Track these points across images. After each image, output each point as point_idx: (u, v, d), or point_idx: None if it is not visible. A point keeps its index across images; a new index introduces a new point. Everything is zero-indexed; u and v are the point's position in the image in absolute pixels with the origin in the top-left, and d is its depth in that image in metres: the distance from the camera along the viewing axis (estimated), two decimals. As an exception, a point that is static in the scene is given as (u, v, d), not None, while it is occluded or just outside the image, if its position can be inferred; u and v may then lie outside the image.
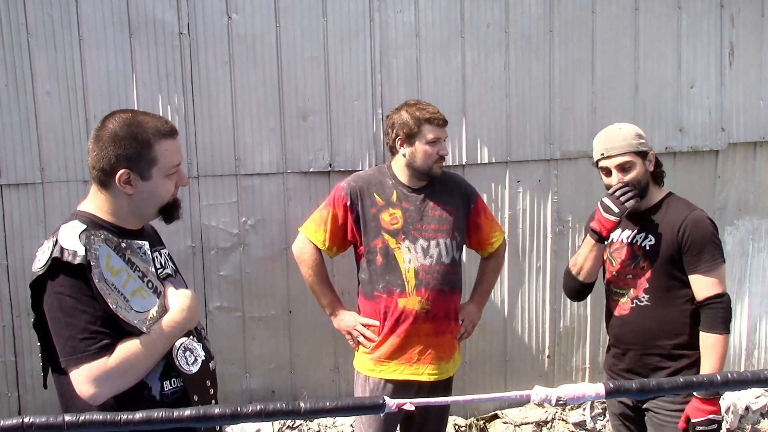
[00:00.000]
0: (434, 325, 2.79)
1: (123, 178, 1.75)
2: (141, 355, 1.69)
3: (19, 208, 3.23)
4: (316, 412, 1.04)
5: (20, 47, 3.14)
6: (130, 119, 1.77)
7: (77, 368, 1.63)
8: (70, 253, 1.65)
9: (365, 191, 2.82)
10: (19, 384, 3.34)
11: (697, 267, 2.49)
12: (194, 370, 1.83)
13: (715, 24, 3.92)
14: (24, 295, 3.26)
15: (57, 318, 1.65)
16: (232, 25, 3.33)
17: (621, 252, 2.67)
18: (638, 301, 2.61)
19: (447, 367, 2.89)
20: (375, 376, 2.85)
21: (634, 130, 2.60)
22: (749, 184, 4.16)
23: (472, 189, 2.98)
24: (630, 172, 2.56)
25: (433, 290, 2.77)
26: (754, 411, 4.13)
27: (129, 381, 1.68)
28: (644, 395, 1.00)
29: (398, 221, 2.79)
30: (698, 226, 2.51)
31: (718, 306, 2.47)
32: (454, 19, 3.55)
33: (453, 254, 2.82)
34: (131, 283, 1.74)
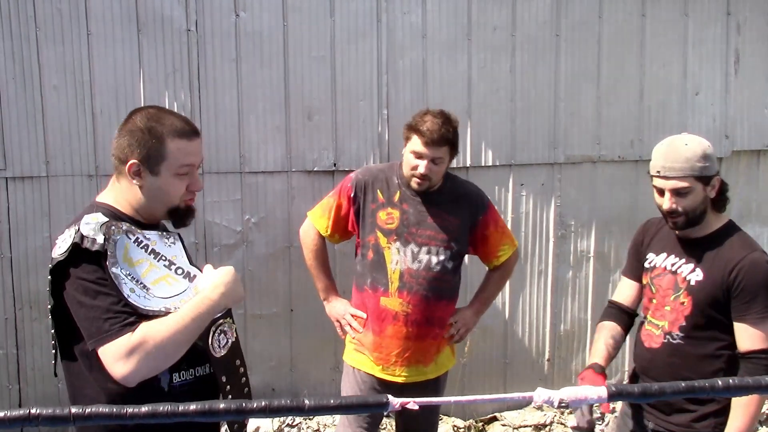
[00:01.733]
0: (413, 329, 2.76)
1: (132, 168, 1.77)
2: (166, 331, 1.65)
3: (24, 201, 3.25)
4: (320, 409, 1.04)
5: (28, 41, 3.15)
6: (153, 114, 1.80)
7: (104, 347, 1.62)
8: (89, 240, 1.66)
9: (370, 186, 2.82)
10: (21, 376, 3.35)
11: (746, 316, 2.20)
12: (224, 352, 1.82)
13: (722, 31, 3.93)
14: (26, 288, 3.28)
15: (81, 302, 1.66)
16: (240, 23, 3.34)
17: (662, 280, 2.41)
18: (671, 337, 2.35)
19: (426, 369, 2.85)
20: (358, 368, 2.87)
21: (702, 150, 2.27)
22: (752, 192, 4.15)
23: (483, 201, 2.88)
24: (686, 198, 2.26)
25: (415, 295, 2.74)
26: (753, 419, 4.12)
27: (157, 359, 1.64)
28: (646, 399, 1.01)
29: (394, 222, 2.76)
30: (755, 271, 2.20)
31: (762, 362, 2.18)
32: (461, 22, 3.56)
33: (444, 263, 2.76)
34: (154, 272, 1.74)
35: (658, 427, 2.41)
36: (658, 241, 2.49)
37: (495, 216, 2.92)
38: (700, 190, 2.26)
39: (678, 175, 2.25)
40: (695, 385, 1.03)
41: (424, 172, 2.66)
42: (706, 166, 2.26)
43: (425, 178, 2.68)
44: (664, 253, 2.43)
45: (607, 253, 3.93)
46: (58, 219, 3.26)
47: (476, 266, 3.48)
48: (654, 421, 2.42)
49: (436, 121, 2.66)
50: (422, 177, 2.67)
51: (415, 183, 2.71)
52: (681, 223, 2.31)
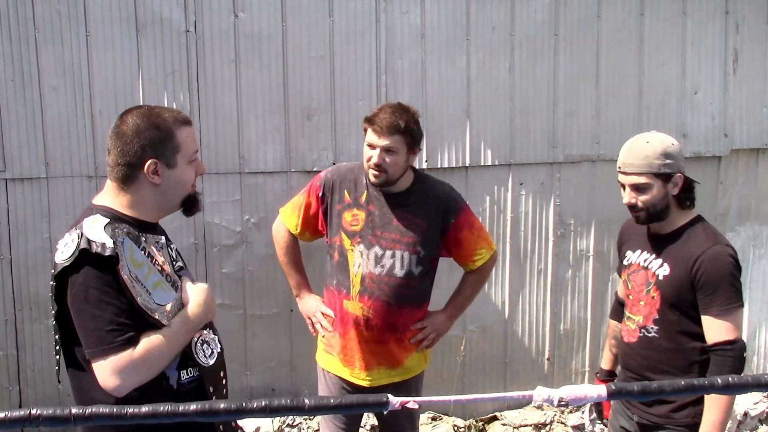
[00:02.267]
0: (373, 334, 2.70)
1: (151, 168, 1.79)
2: (164, 348, 1.72)
3: (24, 203, 3.25)
4: (320, 408, 1.04)
5: (27, 42, 3.15)
6: (148, 111, 1.83)
7: (103, 360, 1.65)
8: (98, 245, 1.66)
9: (337, 186, 2.76)
10: (21, 378, 3.35)
11: (710, 308, 2.27)
12: (211, 362, 1.88)
13: (720, 30, 3.93)
14: (26, 290, 3.28)
15: (83, 310, 1.66)
16: (239, 24, 3.34)
17: (637, 276, 2.50)
18: (646, 331, 2.43)
19: (389, 372, 2.78)
20: (327, 369, 2.85)
21: (662, 148, 2.33)
22: (751, 191, 4.16)
23: (456, 203, 2.78)
24: (644, 193, 2.34)
25: (376, 300, 2.66)
26: (753, 417, 4.14)
27: (152, 373, 1.71)
28: (645, 397, 1.01)
29: (358, 223, 2.70)
30: (715, 264, 2.26)
31: (728, 354, 2.24)
32: (460, 21, 3.56)
33: (410, 268, 2.67)
34: (152, 276, 1.77)
35: (641, 419, 2.50)
36: (634, 238, 2.59)
37: (470, 219, 2.81)
38: (659, 187, 2.34)
39: (636, 171, 2.34)
40: (694, 383, 1.03)
41: (376, 161, 2.60)
42: (666, 163, 2.32)
43: (379, 168, 2.61)
44: (638, 249, 2.54)
45: (606, 252, 3.93)
46: (57, 220, 3.27)
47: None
48: (638, 414, 2.51)
49: (388, 110, 2.63)
50: (376, 167, 2.61)
51: (372, 175, 2.65)
52: (642, 217, 2.40)
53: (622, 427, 2.60)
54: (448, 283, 3.12)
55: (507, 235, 3.79)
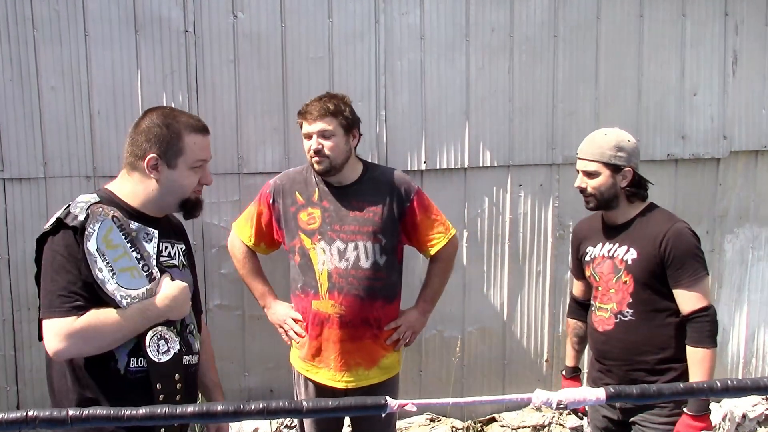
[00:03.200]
0: (349, 331, 2.68)
1: (151, 162, 1.90)
2: (109, 325, 1.78)
3: (22, 203, 3.24)
4: (317, 411, 1.04)
5: (26, 42, 3.14)
6: (167, 112, 1.97)
7: (48, 321, 1.76)
8: (72, 216, 1.80)
9: (287, 190, 2.76)
10: (18, 378, 3.34)
11: (680, 281, 2.45)
12: (163, 359, 1.90)
13: (719, 32, 3.93)
14: (24, 290, 3.27)
15: (46, 272, 1.80)
16: (238, 24, 3.33)
17: (602, 267, 2.64)
18: (622, 315, 2.57)
19: (366, 373, 2.75)
20: (302, 373, 2.83)
21: (616, 141, 2.54)
22: (750, 192, 4.16)
23: (409, 186, 2.79)
24: (593, 179, 2.55)
25: (347, 295, 2.65)
26: (751, 419, 4.14)
27: (92, 346, 1.78)
28: (645, 400, 1.01)
29: (315, 221, 2.70)
30: (680, 239, 2.46)
31: (704, 320, 2.43)
32: (459, 22, 3.56)
33: (375, 258, 2.67)
34: (124, 260, 1.84)
35: (624, 405, 2.60)
36: (591, 235, 2.75)
37: (424, 202, 2.82)
38: (608, 176, 2.54)
39: (588, 157, 2.57)
40: (694, 387, 1.03)
41: (315, 147, 2.63)
42: (618, 155, 2.53)
43: (319, 153, 2.63)
44: (599, 243, 2.68)
45: (605, 254, 3.92)
46: (55, 220, 3.26)
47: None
48: (620, 402, 2.56)
49: (316, 99, 2.71)
50: (316, 153, 2.63)
51: (315, 164, 2.66)
52: (592, 203, 2.60)
53: (605, 417, 2.69)
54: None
55: (506, 237, 3.79)
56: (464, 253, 3.73)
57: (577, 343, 2.96)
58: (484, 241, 3.76)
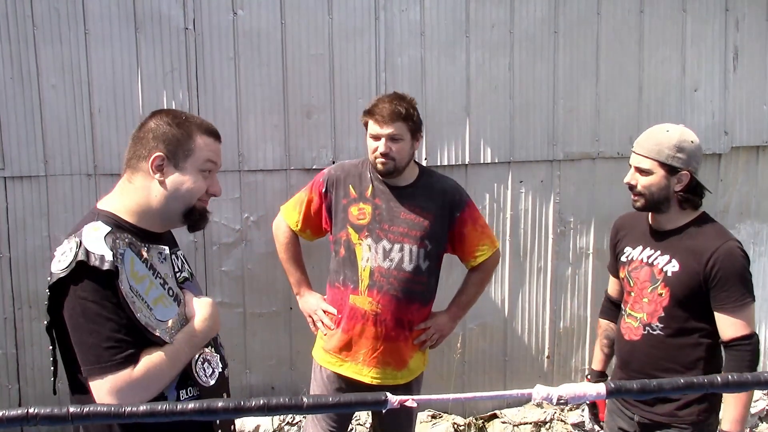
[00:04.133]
0: (383, 330, 2.69)
1: (156, 162, 1.71)
2: (166, 366, 1.63)
3: (23, 201, 3.24)
4: (318, 407, 1.04)
5: (26, 40, 3.14)
6: (176, 113, 1.80)
7: (101, 378, 1.56)
8: (96, 257, 1.57)
9: (342, 181, 2.76)
10: (20, 376, 3.35)
11: (725, 305, 2.25)
12: (212, 382, 1.79)
13: (720, 28, 3.92)
14: (26, 288, 3.28)
15: (80, 324, 1.58)
16: (238, 22, 3.33)
17: (639, 272, 2.46)
18: (651, 328, 2.40)
19: (395, 373, 2.77)
20: (325, 366, 2.83)
21: (678, 141, 2.30)
22: (751, 188, 4.16)
23: (461, 197, 2.81)
24: (645, 177, 2.35)
25: (385, 295, 2.67)
26: (753, 414, 4.14)
27: (152, 393, 1.62)
28: (645, 396, 1.00)
29: (365, 217, 2.70)
30: (730, 260, 2.24)
31: (746, 348, 2.23)
32: (459, 19, 3.56)
33: (418, 262, 2.68)
34: (153, 290, 1.68)
35: (643, 419, 2.46)
36: (633, 234, 2.56)
37: (474, 214, 2.83)
38: (661, 177, 2.32)
39: (643, 153, 2.34)
40: (694, 381, 1.03)
41: (383, 150, 2.62)
42: (676, 156, 2.30)
43: (386, 156, 2.63)
44: (639, 245, 2.49)
45: (606, 250, 3.90)
46: (56, 218, 3.26)
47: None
48: (639, 414, 2.47)
49: (386, 100, 2.67)
50: (383, 155, 2.63)
51: (380, 164, 2.65)
52: (640, 203, 2.39)
53: (620, 428, 2.57)
54: (448, 282, 3.12)
55: (507, 233, 3.78)
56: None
57: (607, 346, 2.75)
58: (485, 237, 3.76)
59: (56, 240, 3.25)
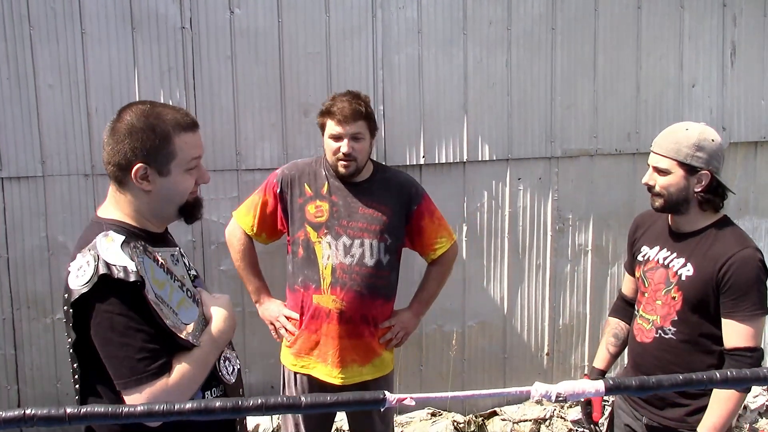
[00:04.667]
0: (348, 327, 2.67)
1: (139, 173, 1.62)
2: (197, 371, 1.63)
3: (20, 201, 3.24)
4: (316, 406, 1.04)
5: (22, 40, 3.14)
6: (149, 111, 1.65)
7: (138, 392, 1.53)
8: (119, 268, 1.54)
9: (296, 180, 2.74)
10: (19, 377, 3.34)
11: (734, 313, 2.17)
12: (233, 380, 1.82)
13: (718, 23, 3.92)
14: (24, 289, 3.27)
15: (109, 339, 1.54)
16: (235, 20, 3.32)
17: (654, 273, 2.38)
18: (663, 332, 2.33)
19: (361, 370, 2.75)
20: (295, 370, 2.81)
21: (698, 139, 2.22)
22: (749, 184, 4.16)
23: (417, 190, 2.81)
24: (664, 177, 2.26)
25: (349, 291, 2.65)
26: (752, 410, 4.14)
27: (186, 398, 1.59)
28: (644, 392, 1.00)
29: (323, 214, 2.68)
30: (745, 268, 2.16)
31: (746, 361, 2.15)
32: (457, 16, 3.55)
33: (379, 257, 2.68)
34: (175, 294, 1.66)
35: (651, 421, 2.41)
36: (652, 233, 2.49)
37: (430, 207, 2.84)
38: (680, 177, 2.24)
39: (661, 152, 2.26)
40: (693, 378, 1.02)
41: (346, 151, 2.60)
42: (696, 155, 2.22)
43: (349, 157, 2.62)
44: (657, 246, 2.42)
45: (605, 247, 3.93)
46: (54, 219, 3.26)
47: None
48: (648, 416, 2.42)
49: (345, 98, 2.64)
50: (346, 157, 2.61)
51: (342, 166, 2.64)
52: (658, 203, 2.31)
53: (627, 425, 2.53)
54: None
55: (505, 230, 3.78)
56: (464, 248, 3.73)
57: (613, 345, 2.63)
58: (483, 235, 3.76)
59: (54, 240, 3.25)
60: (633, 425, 2.50)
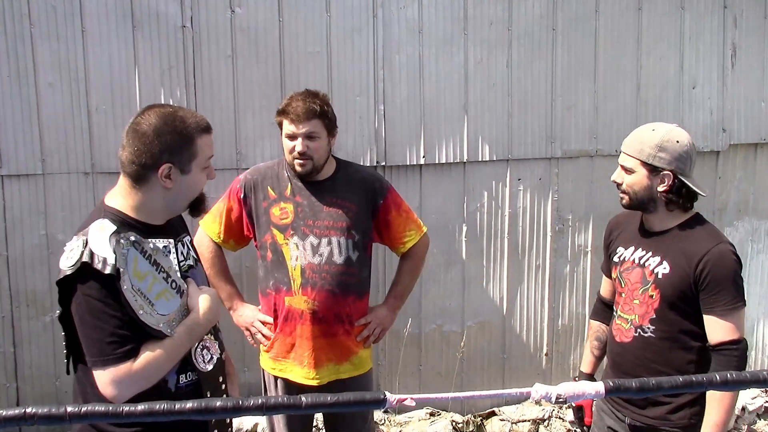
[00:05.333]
0: (322, 327, 2.66)
1: (165, 172, 1.79)
2: (164, 360, 1.75)
3: (20, 199, 3.24)
4: (316, 406, 1.04)
5: (23, 38, 3.13)
6: (171, 114, 1.81)
7: (103, 370, 1.69)
8: (100, 259, 1.67)
9: (259, 184, 2.72)
10: (18, 375, 3.34)
11: (714, 308, 2.21)
12: (209, 368, 1.91)
13: (718, 25, 3.92)
14: (23, 287, 3.27)
15: (85, 320, 1.70)
16: (235, 19, 3.32)
17: (631, 273, 2.43)
18: (642, 330, 2.37)
19: (338, 368, 2.74)
20: (273, 374, 2.79)
21: (661, 140, 2.28)
22: (749, 185, 4.16)
23: (381, 184, 2.81)
24: (629, 176, 2.34)
25: (321, 291, 2.63)
26: (751, 411, 4.14)
27: (151, 382, 1.74)
28: (644, 394, 1.00)
29: (288, 216, 2.66)
30: (721, 263, 2.21)
31: (733, 354, 2.20)
32: (457, 16, 3.55)
33: (348, 254, 2.67)
34: (156, 285, 1.78)
35: (634, 421, 2.43)
36: (626, 234, 2.54)
37: (397, 200, 2.83)
38: (643, 176, 2.30)
39: (626, 151, 2.35)
40: (692, 380, 1.03)
41: (300, 149, 2.59)
42: (658, 156, 2.28)
43: (304, 155, 2.61)
44: (632, 246, 2.47)
45: (604, 248, 3.93)
46: (54, 217, 3.26)
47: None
48: (630, 416, 2.43)
49: (299, 98, 2.63)
50: (301, 155, 2.60)
51: (298, 165, 2.63)
52: (625, 201, 2.39)
53: (610, 428, 2.54)
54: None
55: (505, 231, 3.78)
56: (463, 248, 3.73)
57: (597, 348, 2.70)
58: (483, 235, 3.76)
59: (54, 238, 3.25)
60: (615, 426, 2.51)
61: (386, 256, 3.52)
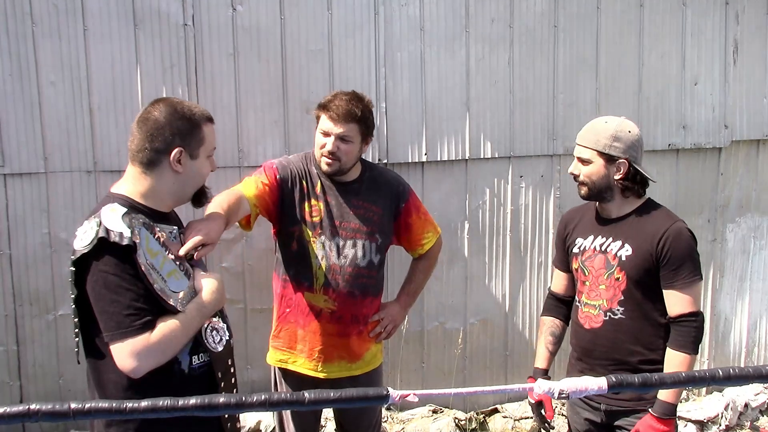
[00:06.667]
0: (339, 326, 2.67)
1: (176, 156, 1.87)
2: (179, 333, 1.80)
3: (23, 198, 3.24)
4: (320, 402, 1.04)
5: (25, 37, 3.13)
6: (179, 103, 1.94)
7: (121, 342, 1.72)
8: (116, 234, 1.73)
9: (295, 174, 2.67)
10: (21, 373, 3.35)
11: (674, 282, 2.35)
12: (220, 348, 1.96)
13: (720, 21, 3.92)
14: (26, 285, 3.27)
15: (102, 295, 1.74)
16: (237, 17, 3.32)
17: (594, 261, 2.52)
18: (612, 313, 2.46)
19: (351, 365, 2.75)
20: (281, 366, 2.78)
21: (615, 131, 2.41)
22: (751, 182, 4.16)
23: (404, 187, 2.81)
24: (586, 167, 2.45)
25: (341, 292, 2.64)
26: (753, 408, 4.14)
27: (167, 356, 1.79)
28: (647, 389, 1.01)
29: (318, 214, 2.64)
30: (679, 239, 2.36)
31: (692, 325, 2.33)
32: (459, 14, 3.55)
33: (371, 257, 2.67)
34: (167, 264, 1.84)
35: (610, 407, 2.50)
36: (582, 225, 2.64)
37: (417, 203, 2.84)
38: (601, 165, 2.43)
39: (582, 143, 2.47)
40: (695, 375, 1.03)
41: (330, 149, 2.56)
42: (613, 145, 2.41)
43: (333, 156, 2.57)
44: (590, 235, 2.56)
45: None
46: (57, 215, 3.26)
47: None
48: (605, 402, 2.50)
49: (344, 98, 2.58)
50: (330, 155, 2.57)
51: (325, 163, 2.60)
52: (583, 191, 2.51)
53: (587, 420, 2.59)
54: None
55: (507, 228, 3.78)
56: (466, 245, 3.73)
57: (552, 343, 2.79)
58: (485, 232, 3.76)
59: (56, 237, 3.25)
60: (592, 416, 2.57)
61: (393, 252, 3.52)
